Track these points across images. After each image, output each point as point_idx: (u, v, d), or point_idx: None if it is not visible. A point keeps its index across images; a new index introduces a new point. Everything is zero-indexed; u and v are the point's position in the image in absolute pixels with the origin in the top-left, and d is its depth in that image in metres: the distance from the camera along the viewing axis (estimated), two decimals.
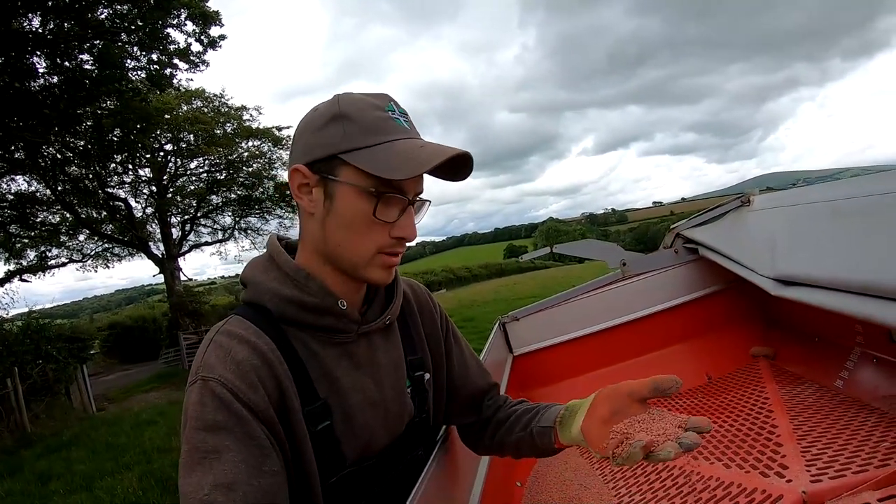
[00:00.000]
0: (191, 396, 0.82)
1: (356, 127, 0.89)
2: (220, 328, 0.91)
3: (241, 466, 0.76)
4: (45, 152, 16.37)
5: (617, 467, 1.66)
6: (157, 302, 30.79)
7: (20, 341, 11.36)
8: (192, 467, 0.76)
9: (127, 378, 18.30)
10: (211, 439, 0.78)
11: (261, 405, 0.83)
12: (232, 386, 0.82)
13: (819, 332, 1.84)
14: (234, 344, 0.87)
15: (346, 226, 0.92)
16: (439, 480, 1.08)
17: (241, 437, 0.79)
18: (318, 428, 0.92)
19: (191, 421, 0.80)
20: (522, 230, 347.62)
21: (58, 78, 13.76)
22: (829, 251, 1.21)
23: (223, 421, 0.79)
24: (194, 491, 0.73)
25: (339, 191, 0.90)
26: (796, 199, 1.75)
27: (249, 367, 0.85)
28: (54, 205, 18.60)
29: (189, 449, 0.78)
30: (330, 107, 0.92)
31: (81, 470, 7.05)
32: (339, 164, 0.90)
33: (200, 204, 23.22)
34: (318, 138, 0.91)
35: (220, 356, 0.85)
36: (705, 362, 2.25)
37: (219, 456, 0.76)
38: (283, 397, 0.88)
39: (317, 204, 0.93)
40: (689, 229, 2.45)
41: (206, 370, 0.83)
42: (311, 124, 0.93)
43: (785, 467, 1.17)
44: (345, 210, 0.91)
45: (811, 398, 1.57)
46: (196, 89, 21.26)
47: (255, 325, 0.91)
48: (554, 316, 2.48)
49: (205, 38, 15.60)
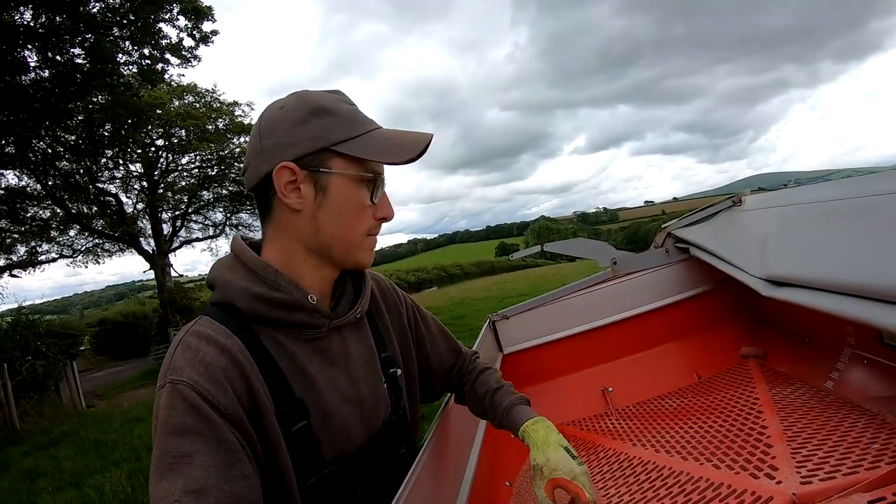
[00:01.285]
0: (160, 400, 0.82)
1: (338, 119, 0.94)
2: (189, 329, 0.90)
3: (211, 471, 0.76)
4: (35, 147, 16.26)
5: (607, 467, 1.66)
6: (147, 298, 30.71)
7: (9, 337, 11.30)
8: (163, 473, 0.75)
9: (117, 374, 18.23)
10: (181, 444, 0.77)
11: (230, 408, 0.83)
12: (201, 389, 0.81)
13: (810, 333, 1.84)
14: (202, 345, 0.86)
15: (340, 215, 0.95)
16: (426, 480, 1.08)
17: (211, 441, 0.78)
18: (294, 428, 0.92)
19: (161, 425, 0.80)
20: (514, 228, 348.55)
21: (49, 72, 13.66)
22: (821, 252, 1.20)
23: (193, 425, 0.79)
24: (165, 497, 0.72)
25: (333, 182, 0.94)
26: (788, 200, 1.75)
27: (218, 369, 0.84)
28: (45, 200, 18.49)
29: (159, 454, 0.77)
30: (302, 103, 0.95)
31: (70, 467, 7.00)
32: (331, 156, 0.93)
33: (192, 200, 23.19)
34: (301, 133, 0.92)
35: (188, 358, 0.84)
36: (695, 362, 2.25)
37: (189, 461, 0.76)
38: (254, 399, 0.88)
39: (306, 199, 0.94)
40: (680, 229, 2.45)
41: (175, 373, 0.83)
42: (285, 122, 0.94)
43: (775, 468, 1.17)
44: (340, 200, 0.94)
45: (801, 399, 1.56)
46: (188, 84, 21.23)
47: (224, 325, 0.91)
48: (544, 314, 2.47)
49: (197, 34, 15.52)
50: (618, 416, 2.11)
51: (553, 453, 1.06)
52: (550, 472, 1.03)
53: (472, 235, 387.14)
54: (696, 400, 1.95)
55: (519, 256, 3.77)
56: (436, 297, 27.57)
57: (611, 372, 2.34)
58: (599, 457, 1.79)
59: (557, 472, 1.03)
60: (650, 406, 2.09)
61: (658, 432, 1.78)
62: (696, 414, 1.81)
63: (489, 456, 1.72)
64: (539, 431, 1.11)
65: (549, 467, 1.04)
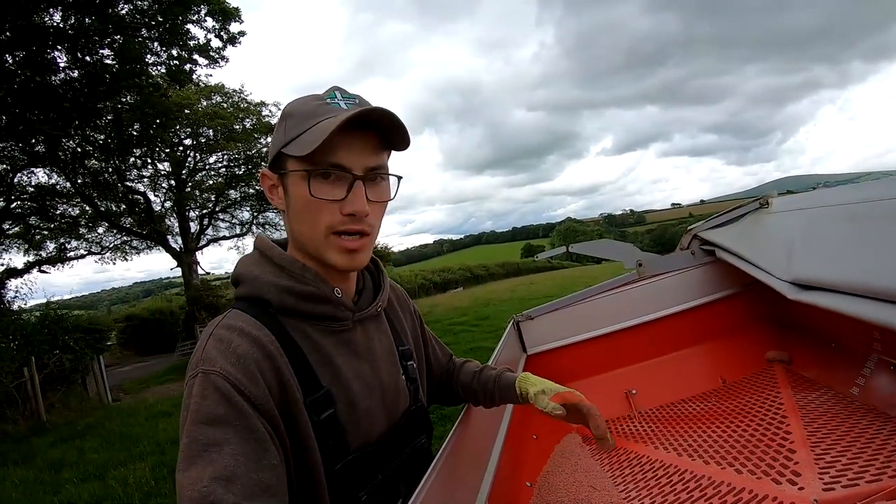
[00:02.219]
0: (192, 389, 0.83)
1: (294, 121, 0.95)
2: (220, 322, 0.92)
3: (240, 459, 0.76)
4: (65, 146, 16.59)
5: (629, 470, 1.65)
6: (174, 295, 31.01)
7: (38, 331, 11.49)
8: (192, 460, 0.76)
9: (143, 370, 18.44)
10: (211, 432, 0.78)
11: (261, 398, 0.85)
12: (234, 379, 0.83)
13: (836, 338, 1.82)
14: (234, 337, 0.88)
15: (298, 212, 0.97)
16: (445, 477, 1.08)
17: (241, 431, 0.80)
18: (322, 416, 0.93)
19: (191, 414, 0.80)
20: (540, 230, 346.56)
21: (78, 72, 13.92)
22: (848, 255, 1.18)
23: (224, 414, 0.80)
24: (193, 483, 0.73)
25: (289, 182, 0.97)
26: (815, 202, 1.72)
27: (251, 360, 0.86)
28: (74, 197, 18.83)
29: (189, 442, 0.78)
30: (287, 108, 0.99)
31: (94, 459, 7.08)
32: (284, 158, 0.96)
33: (219, 198, 23.38)
34: (273, 140, 1.00)
35: (220, 349, 0.86)
36: (720, 366, 2.22)
37: (219, 449, 0.76)
38: (285, 389, 0.90)
39: (283, 201, 1.00)
40: (706, 231, 2.42)
41: (207, 363, 0.84)
42: (275, 129, 1.01)
43: (797, 474, 1.16)
44: (294, 198, 0.96)
45: (826, 404, 1.54)
46: (215, 85, 21.42)
47: (254, 318, 0.93)
48: (568, 316, 2.46)
49: (224, 35, 15.69)
50: (641, 419, 2.10)
51: (549, 384, 1.21)
52: (552, 391, 1.18)
53: (498, 236, 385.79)
54: (720, 404, 1.93)
55: (544, 257, 3.76)
56: (461, 298, 27.50)
57: (635, 374, 2.33)
58: (621, 460, 1.78)
59: (558, 389, 1.19)
60: (674, 409, 2.07)
61: (681, 436, 1.76)
62: (719, 418, 1.79)
63: (510, 456, 1.72)
64: (531, 377, 1.26)
65: (549, 388, 1.19)
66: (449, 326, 15.09)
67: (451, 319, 16.80)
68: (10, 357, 10.11)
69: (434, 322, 16.73)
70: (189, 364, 0.88)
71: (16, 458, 7.59)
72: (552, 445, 2.04)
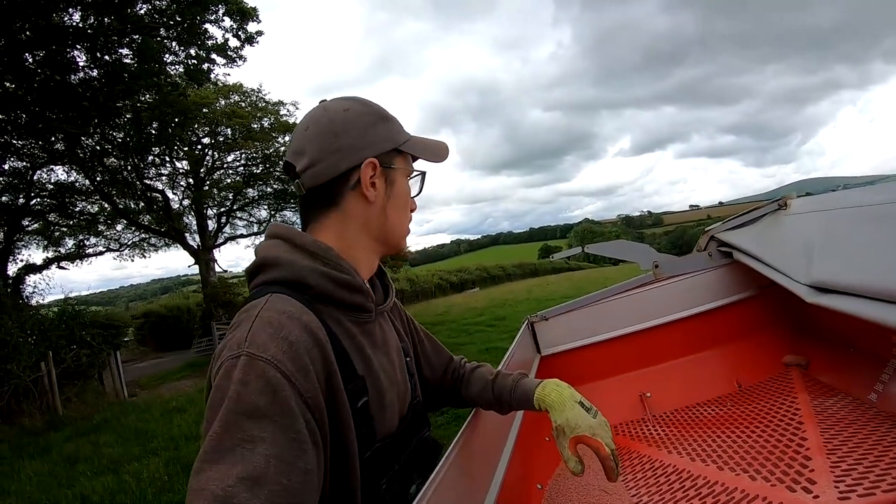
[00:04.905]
0: (231, 373, 0.78)
1: (396, 125, 1.09)
2: (265, 305, 0.88)
3: (272, 461, 0.72)
4: (84, 144, 16.75)
5: (641, 475, 1.64)
6: (191, 292, 31.22)
7: (55, 326, 11.62)
8: (222, 453, 0.72)
9: (159, 366, 18.58)
10: (249, 425, 0.74)
11: (310, 392, 0.82)
12: (284, 369, 0.79)
13: (854, 342, 1.79)
14: (285, 321, 0.85)
15: (400, 207, 1.10)
16: (454, 477, 1.08)
17: (280, 429, 0.75)
18: (358, 404, 0.94)
19: (229, 401, 0.75)
20: (557, 231, 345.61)
21: (97, 71, 14.03)
22: (868, 258, 1.16)
23: (265, 407, 0.75)
24: (218, 479, 0.69)
25: (397, 178, 1.08)
26: (835, 204, 1.70)
27: (303, 350, 0.83)
28: (93, 195, 19.02)
29: (222, 431, 0.73)
30: (368, 108, 1.06)
31: (109, 453, 7.14)
32: (396, 155, 1.08)
33: (236, 197, 23.54)
34: (376, 134, 1.04)
35: (270, 334, 0.82)
36: (736, 369, 2.20)
37: (253, 446, 0.72)
38: (331, 378, 0.89)
39: (379, 193, 1.05)
40: (723, 232, 2.40)
41: (255, 347, 0.79)
42: (358, 124, 1.03)
43: (812, 482, 1.14)
44: (401, 193, 1.10)
45: (843, 411, 1.52)
46: (234, 84, 21.58)
47: (299, 302, 0.91)
48: (583, 317, 2.44)
49: (242, 34, 15.75)
50: (655, 422, 2.08)
51: (570, 411, 1.13)
52: (571, 431, 1.11)
53: (515, 237, 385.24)
54: (736, 409, 1.91)
55: (560, 257, 3.75)
56: (477, 298, 27.51)
57: (650, 377, 2.31)
58: (634, 463, 1.76)
59: (578, 429, 1.11)
60: (688, 413, 2.05)
61: (695, 440, 1.75)
62: (734, 423, 1.77)
63: (521, 458, 1.71)
64: (552, 394, 1.19)
65: (569, 426, 1.12)
66: (465, 326, 15.11)
67: (467, 319, 16.82)
68: (28, 351, 10.20)
69: (450, 322, 16.75)
70: (226, 344, 0.84)
71: (32, 452, 7.69)
72: None
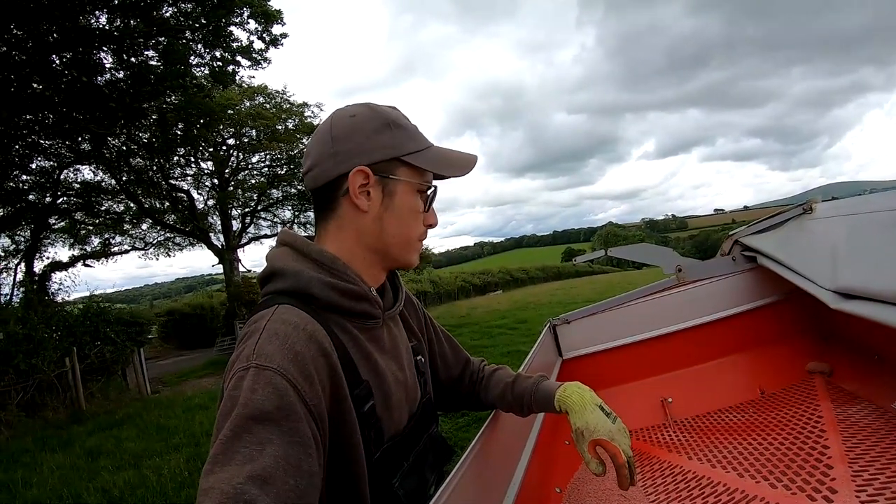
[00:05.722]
0: (241, 382, 0.81)
1: (406, 134, 1.04)
2: (272, 316, 0.90)
3: (280, 462, 0.75)
4: (110, 144, 17.07)
5: (661, 480, 1.63)
6: (215, 291, 31.54)
7: (80, 323, 11.78)
8: (230, 455, 0.73)
9: (182, 363, 18.75)
10: (256, 429, 0.76)
11: (314, 399, 0.84)
12: (291, 377, 0.82)
13: (879, 350, 1.75)
14: (291, 332, 0.87)
15: (401, 219, 1.04)
16: (471, 478, 1.08)
17: (287, 432, 0.78)
18: (364, 409, 0.96)
19: (239, 407, 0.78)
20: (581, 234, 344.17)
21: (123, 73, 14.27)
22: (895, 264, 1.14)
23: (272, 412, 0.78)
24: (229, 479, 0.70)
25: (398, 189, 1.03)
26: (861, 208, 1.67)
27: (308, 359, 0.86)
28: (119, 194, 19.36)
29: (231, 435, 0.75)
30: (375, 114, 1.03)
31: (131, 448, 7.21)
32: (399, 165, 1.02)
33: (261, 197, 23.82)
34: (375, 142, 1.01)
35: (277, 345, 0.84)
36: (759, 376, 2.17)
37: (261, 448, 0.75)
38: (336, 386, 0.91)
39: (373, 202, 1.02)
40: (747, 236, 2.36)
41: (263, 358, 0.82)
42: (360, 130, 1.01)
43: (834, 491, 1.12)
44: (402, 206, 1.04)
45: (866, 419, 1.49)
46: (258, 86, 21.82)
47: (305, 313, 0.93)
48: (605, 320, 2.43)
49: (266, 36, 15.90)
50: (676, 428, 2.06)
51: (590, 415, 1.14)
52: (591, 434, 1.12)
53: (539, 240, 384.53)
54: (758, 415, 1.89)
55: (583, 260, 3.75)
56: (500, 301, 27.43)
57: (671, 382, 2.29)
58: (654, 469, 1.75)
59: (597, 433, 1.11)
60: (710, 419, 2.03)
61: (716, 447, 1.73)
62: (756, 430, 1.75)
63: (540, 461, 1.70)
64: (573, 396, 1.19)
65: (588, 430, 1.12)
66: (487, 329, 15.10)
67: (489, 322, 16.80)
68: (53, 347, 10.37)
69: (472, 324, 16.73)
70: (236, 357, 0.86)
71: (54, 445, 7.80)
72: None
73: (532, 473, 1.54)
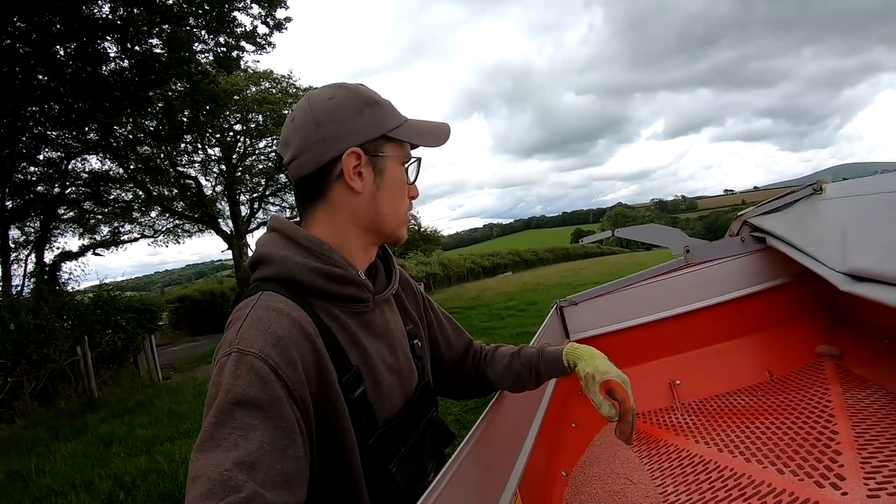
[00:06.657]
0: (224, 368, 0.81)
1: (385, 110, 1.04)
2: (255, 303, 0.91)
3: (266, 447, 0.75)
4: (117, 133, 17.08)
5: (667, 464, 1.63)
6: (225, 277, 31.62)
7: (91, 311, 11.82)
8: (217, 441, 0.74)
9: (193, 349, 18.80)
10: (241, 415, 0.77)
11: (297, 384, 0.85)
12: (272, 362, 0.82)
13: (890, 333, 1.73)
14: (273, 317, 0.88)
15: (392, 195, 1.05)
16: (473, 462, 1.08)
17: (271, 418, 0.78)
18: (354, 395, 0.96)
19: (222, 393, 0.79)
20: (590, 215, 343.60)
21: (128, 62, 14.22)
22: None
23: (255, 398, 0.78)
24: (215, 465, 0.71)
25: (387, 165, 1.04)
26: (872, 188, 1.64)
27: (291, 343, 0.86)
28: (127, 183, 19.43)
29: (216, 422, 0.76)
30: (354, 95, 1.02)
31: (142, 435, 7.24)
32: (385, 142, 1.03)
33: (269, 183, 23.85)
34: (360, 122, 1.00)
35: (259, 330, 0.85)
36: (767, 359, 2.16)
37: (245, 434, 0.75)
38: (322, 371, 0.91)
39: (366, 182, 1.01)
40: (756, 217, 2.34)
41: (244, 343, 0.83)
42: (342, 112, 1.00)
43: (842, 478, 1.10)
44: (392, 181, 1.05)
45: (876, 404, 1.47)
46: (264, 71, 21.74)
47: (289, 299, 0.93)
48: (613, 302, 2.42)
49: (270, 21, 15.82)
50: (683, 410, 2.05)
51: (600, 361, 1.18)
52: (602, 376, 1.13)
53: (548, 221, 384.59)
54: (766, 399, 1.88)
55: (589, 241, 3.71)
56: (510, 283, 27.35)
57: (679, 364, 2.28)
58: (661, 452, 1.74)
59: (608, 374, 1.13)
60: (717, 402, 2.02)
61: (723, 430, 1.72)
62: (764, 414, 1.74)
63: (546, 444, 1.70)
64: (581, 347, 1.24)
65: (599, 372, 1.14)
66: (496, 311, 15.09)
67: (498, 304, 16.79)
68: (65, 336, 10.43)
69: (482, 306, 16.74)
70: (221, 343, 0.87)
71: (67, 433, 7.85)
72: (591, 435, 2.02)
73: (537, 457, 1.54)
